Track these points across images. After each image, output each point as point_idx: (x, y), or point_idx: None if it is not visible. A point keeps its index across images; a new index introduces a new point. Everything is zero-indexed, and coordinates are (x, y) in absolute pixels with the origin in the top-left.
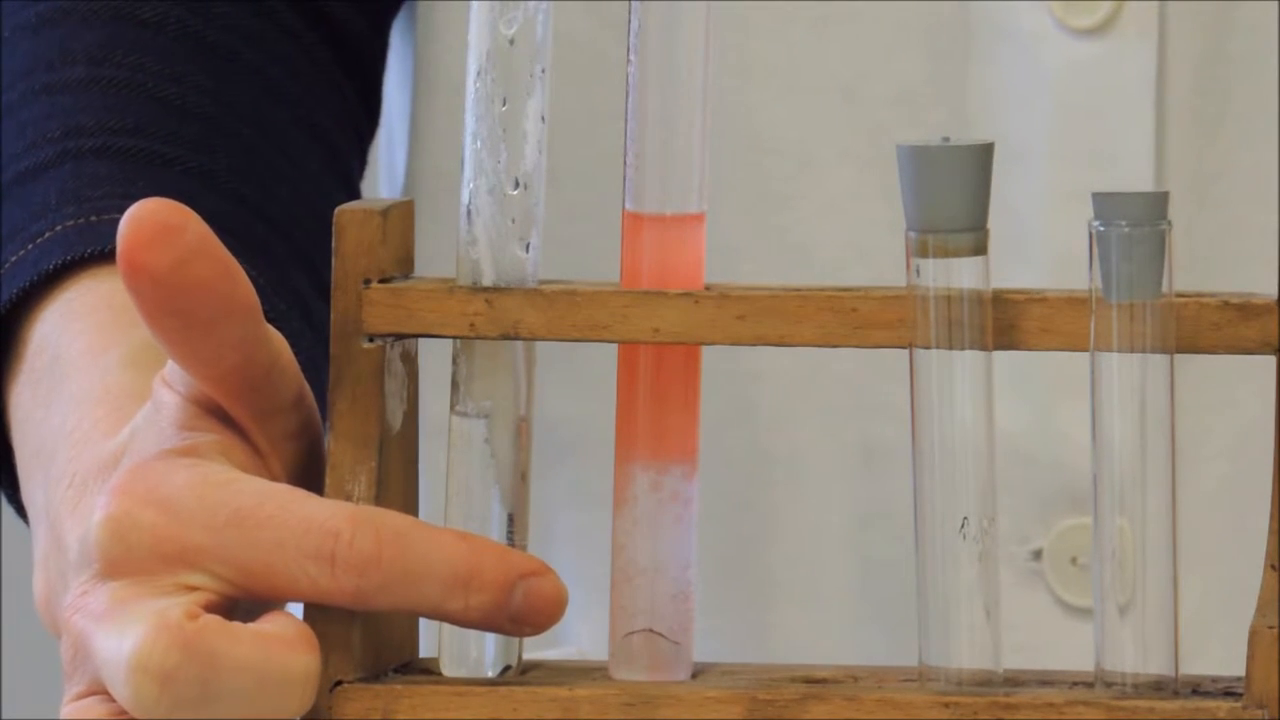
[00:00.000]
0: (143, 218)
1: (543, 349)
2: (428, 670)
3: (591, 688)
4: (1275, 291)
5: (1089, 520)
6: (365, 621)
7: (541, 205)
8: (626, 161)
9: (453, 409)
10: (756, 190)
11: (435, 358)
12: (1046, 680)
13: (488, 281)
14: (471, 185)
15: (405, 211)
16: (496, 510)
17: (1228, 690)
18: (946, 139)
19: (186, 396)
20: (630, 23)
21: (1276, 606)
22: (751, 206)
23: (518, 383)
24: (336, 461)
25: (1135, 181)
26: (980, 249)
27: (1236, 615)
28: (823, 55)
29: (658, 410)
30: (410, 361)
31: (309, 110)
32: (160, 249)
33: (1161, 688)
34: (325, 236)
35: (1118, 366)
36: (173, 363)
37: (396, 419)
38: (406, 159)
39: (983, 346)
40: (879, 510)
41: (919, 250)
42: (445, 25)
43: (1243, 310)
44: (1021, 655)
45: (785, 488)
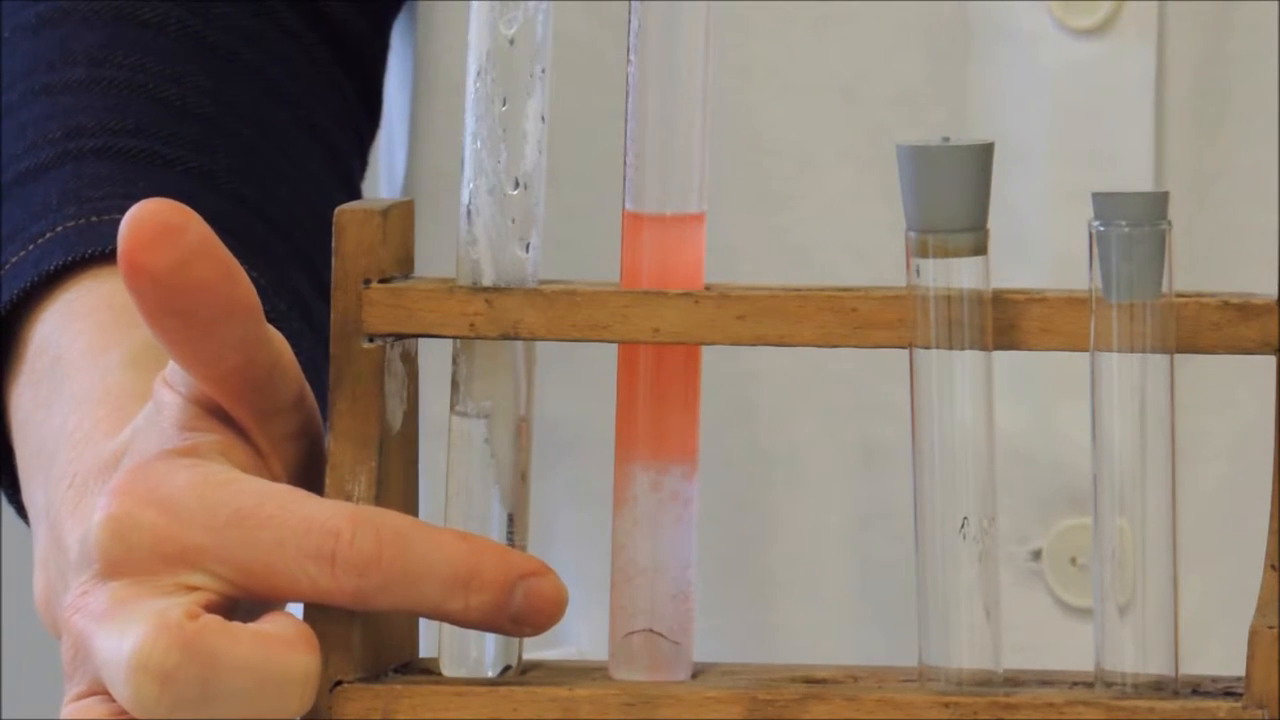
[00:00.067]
0: (144, 218)
1: (542, 349)
2: (428, 670)
3: (591, 688)
4: (1275, 291)
5: (1088, 520)
6: (365, 621)
7: (541, 205)
8: (626, 161)
9: (453, 409)
10: (756, 190)
11: (435, 358)
12: (1046, 680)
13: (488, 281)
14: (471, 185)
15: (405, 211)
16: (496, 510)
17: (1228, 690)
18: (946, 139)
19: (187, 397)
20: (630, 23)
21: (1276, 606)
22: (751, 207)
23: (518, 383)
24: (336, 461)
25: (1135, 181)
26: (980, 249)
27: (1236, 615)
28: (822, 55)
29: (658, 410)
30: (410, 361)
31: (309, 110)
32: (161, 249)
33: (1161, 688)
34: (325, 236)
35: (1118, 366)
36: (174, 363)
37: (396, 419)
38: (406, 159)
39: (983, 346)
40: (879, 510)
41: (919, 250)
42: (445, 25)
43: (1243, 310)
44: (1021, 655)
45: (785, 488)
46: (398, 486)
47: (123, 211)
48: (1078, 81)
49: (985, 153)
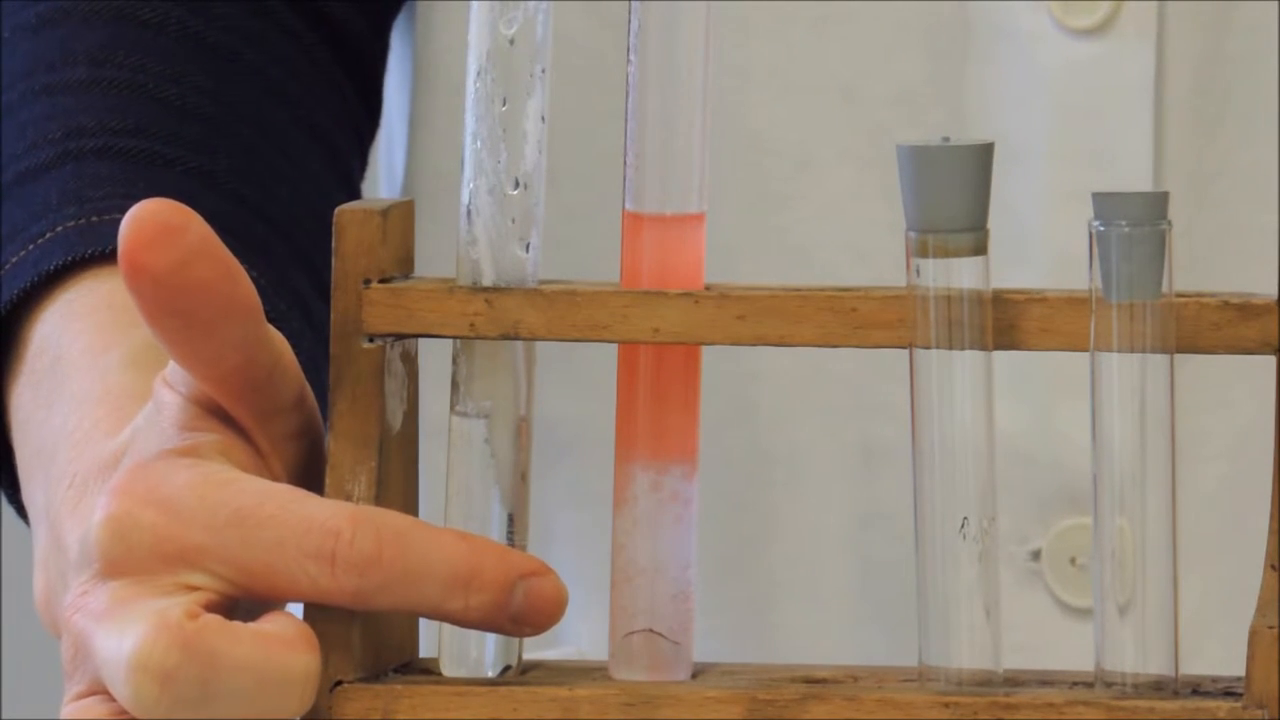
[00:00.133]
0: (144, 218)
1: (542, 349)
2: (428, 670)
3: (591, 688)
4: (1275, 291)
5: (1088, 520)
6: (365, 621)
7: (541, 205)
8: (626, 161)
9: (453, 409)
10: (756, 191)
11: (435, 358)
12: (1046, 680)
13: (488, 281)
14: (471, 185)
15: (405, 211)
16: (496, 510)
17: (1228, 690)
18: (946, 139)
19: (188, 397)
20: (630, 23)
21: (1276, 606)
22: (751, 207)
23: (518, 383)
24: (336, 461)
25: (1134, 181)
26: (980, 249)
27: (1236, 615)
28: (822, 55)
29: (658, 410)
30: (410, 361)
31: (309, 110)
32: (162, 249)
33: (1161, 688)
34: (325, 236)
35: (1118, 366)
36: (174, 363)
37: (396, 419)
38: (406, 159)
39: (983, 346)
40: (878, 510)
41: (919, 250)
42: (444, 25)
43: (1243, 310)
44: (1021, 655)
45: (785, 488)
46: (398, 486)
47: (123, 211)
48: (1077, 81)
49: (985, 153)
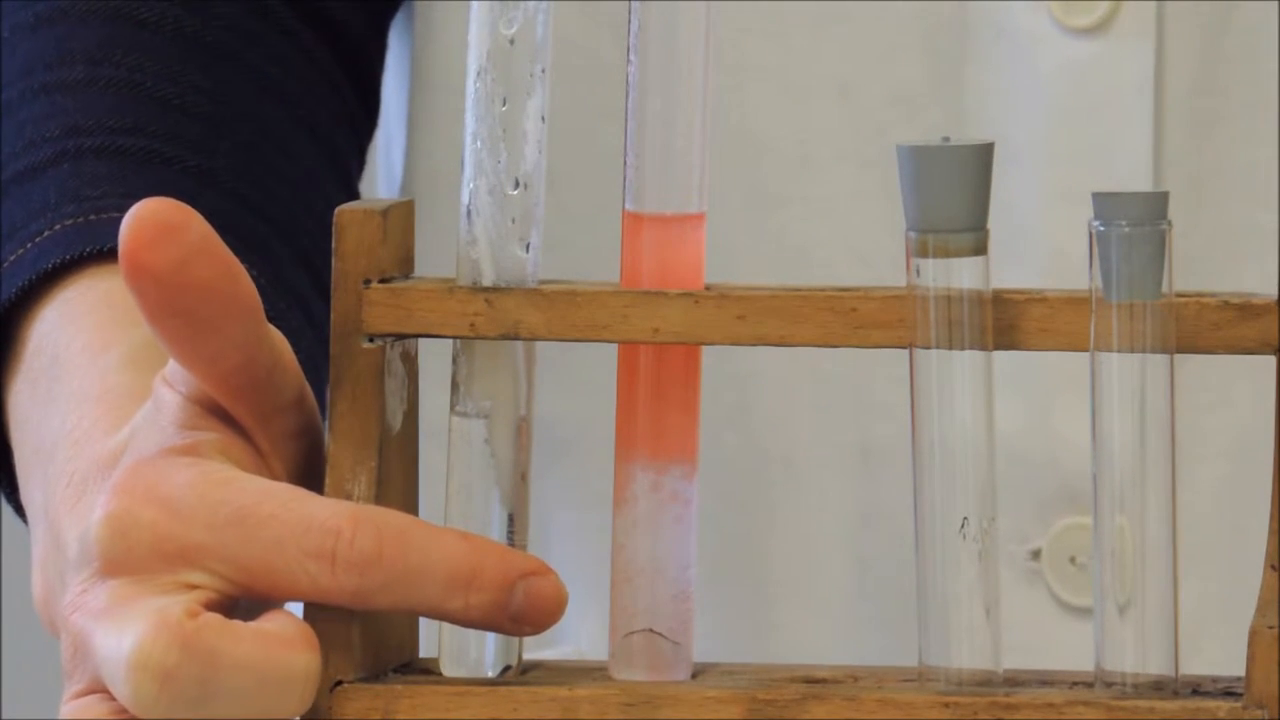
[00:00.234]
0: (145, 217)
1: (542, 349)
2: (428, 670)
3: (591, 688)
4: (1275, 291)
5: (1087, 520)
6: (365, 621)
7: (541, 205)
8: (626, 161)
9: (453, 409)
10: (754, 190)
11: (435, 358)
12: (1046, 680)
13: (488, 281)
14: (471, 185)
15: (405, 211)
16: (496, 510)
17: (1228, 690)
18: (946, 139)
19: (187, 395)
20: (630, 23)
21: (1276, 606)
22: (749, 207)
23: (518, 383)
24: (336, 461)
25: (1132, 181)
26: (980, 249)
27: (1236, 615)
28: (820, 55)
29: (658, 410)
30: (410, 361)
31: (308, 110)
32: (163, 248)
33: (1161, 688)
34: (324, 236)
35: (1118, 366)
36: (174, 362)
37: (396, 419)
38: (404, 159)
39: (983, 346)
40: (877, 510)
41: (919, 250)
42: (443, 25)
43: (1243, 310)
44: (1021, 655)
45: (783, 488)
46: (398, 486)
47: (121, 210)
48: (1076, 81)
49: (985, 153)
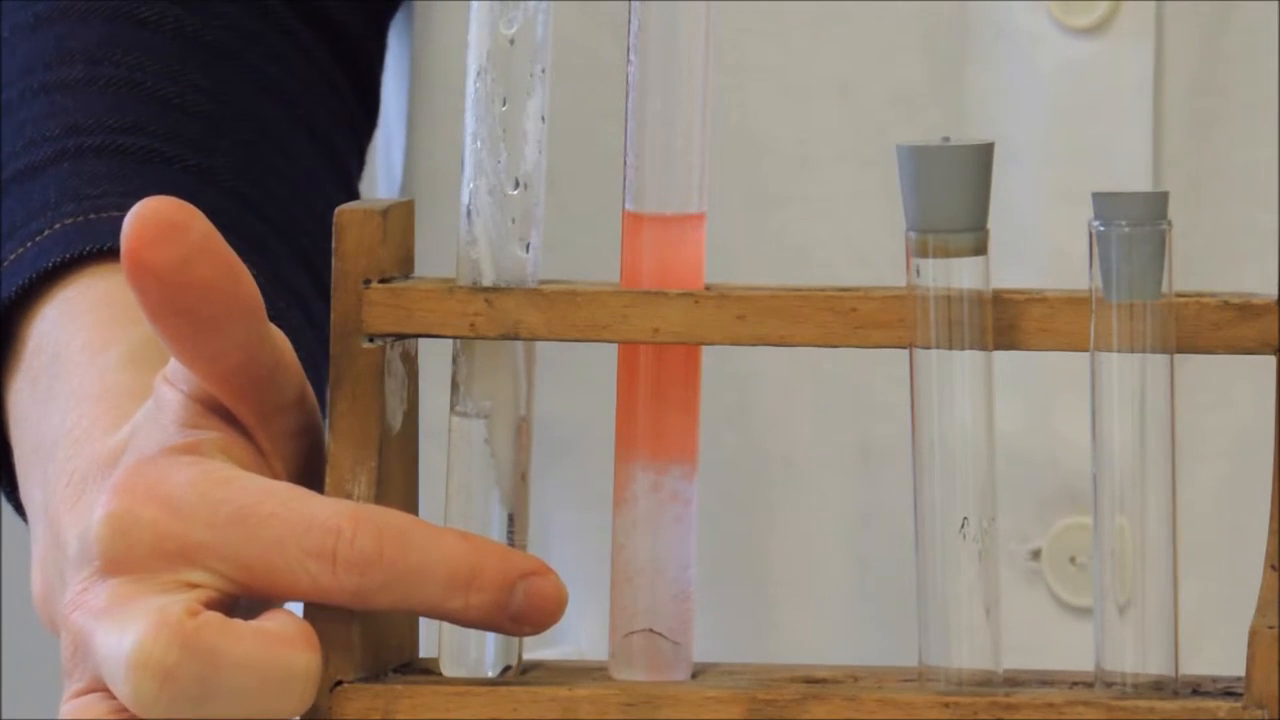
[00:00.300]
0: (147, 216)
1: (542, 349)
2: (428, 670)
3: (591, 688)
4: (1275, 291)
5: (1087, 520)
6: (365, 621)
7: (541, 205)
8: (626, 161)
9: (453, 409)
10: (754, 190)
11: (435, 358)
12: (1046, 680)
13: (488, 281)
14: (471, 185)
15: (405, 211)
16: (496, 510)
17: (1228, 690)
18: (947, 139)
19: (188, 394)
20: (630, 23)
21: (1276, 606)
22: (749, 206)
23: (518, 383)
24: (336, 461)
25: (1132, 181)
26: (980, 249)
27: (1236, 615)
28: (820, 55)
29: (658, 410)
30: (410, 361)
31: (307, 109)
32: (165, 247)
33: (1161, 688)
34: (324, 235)
35: (1118, 366)
36: (175, 360)
37: (396, 419)
38: (404, 159)
39: (983, 346)
40: (877, 510)
41: (919, 250)
42: (442, 25)
43: (1243, 310)
44: (1021, 655)
45: (783, 488)
46: (398, 486)
47: (121, 209)
48: (1075, 81)
49: (985, 152)
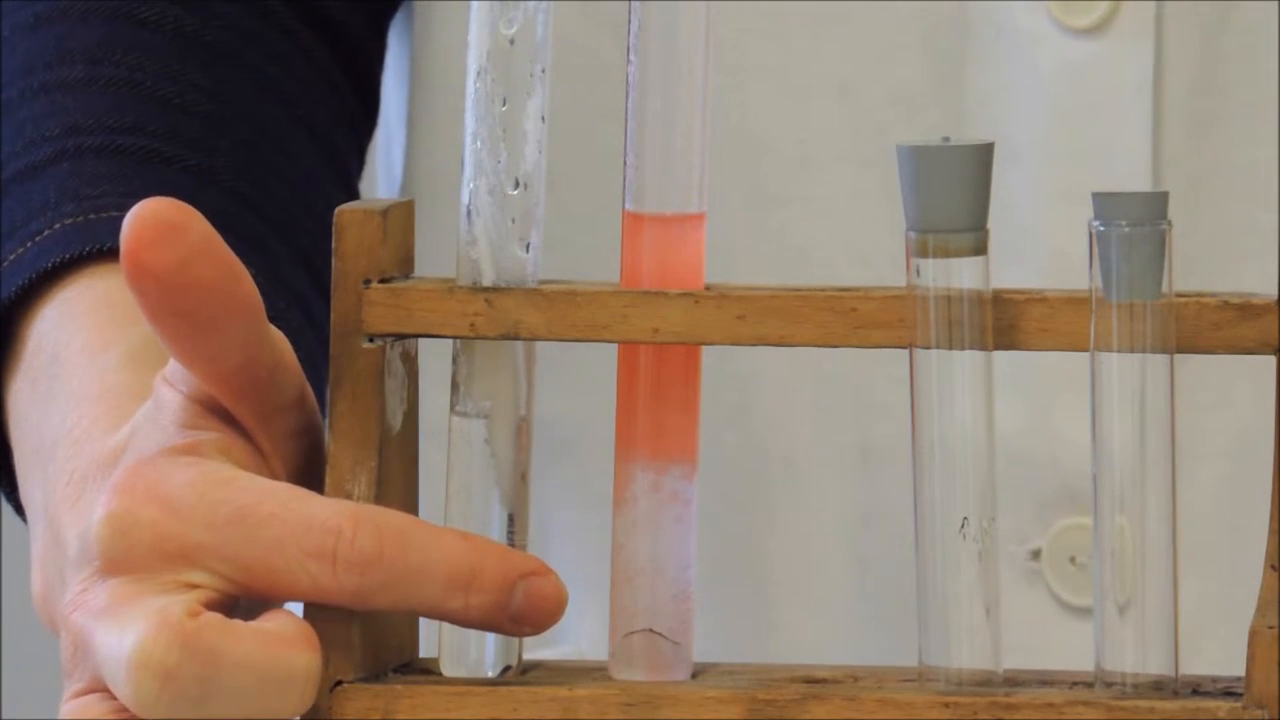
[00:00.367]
0: (146, 217)
1: (542, 349)
2: (428, 670)
3: (591, 688)
4: (1275, 291)
5: (1087, 520)
6: (365, 621)
7: (541, 205)
8: (626, 161)
9: (453, 409)
10: (754, 190)
11: (435, 358)
12: (1046, 680)
13: (488, 281)
14: (471, 185)
15: (405, 211)
16: (496, 510)
17: (1228, 690)
18: (946, 139)
19: (188, 395)
20: (630, 23)
21: (1276, 606)
22: (749, 206)
23: (518, 383)
24: (336, 461)
25: (1132, 181)
26: (980, 249)
27: (1236, 615)
28: (820, 55)
29: (658, 410)
30: (410, 361)
31: (307, 109)
32: (164, 248)
33: (1161, 688)
34: (323, 235)
35: (1118, 366)
36: (174, 361)
37: (396, 419)
38: (404, 159)
39: (983, 346)
40: (877, 510)
41: (919, 250)
42: (442, 25)
43: (1243, 310)
44: (1021, 655)
45: (783, 488)
46: (398, 486)
47: (121, 209)
48: (1075, 81)
49: (985, 152)
